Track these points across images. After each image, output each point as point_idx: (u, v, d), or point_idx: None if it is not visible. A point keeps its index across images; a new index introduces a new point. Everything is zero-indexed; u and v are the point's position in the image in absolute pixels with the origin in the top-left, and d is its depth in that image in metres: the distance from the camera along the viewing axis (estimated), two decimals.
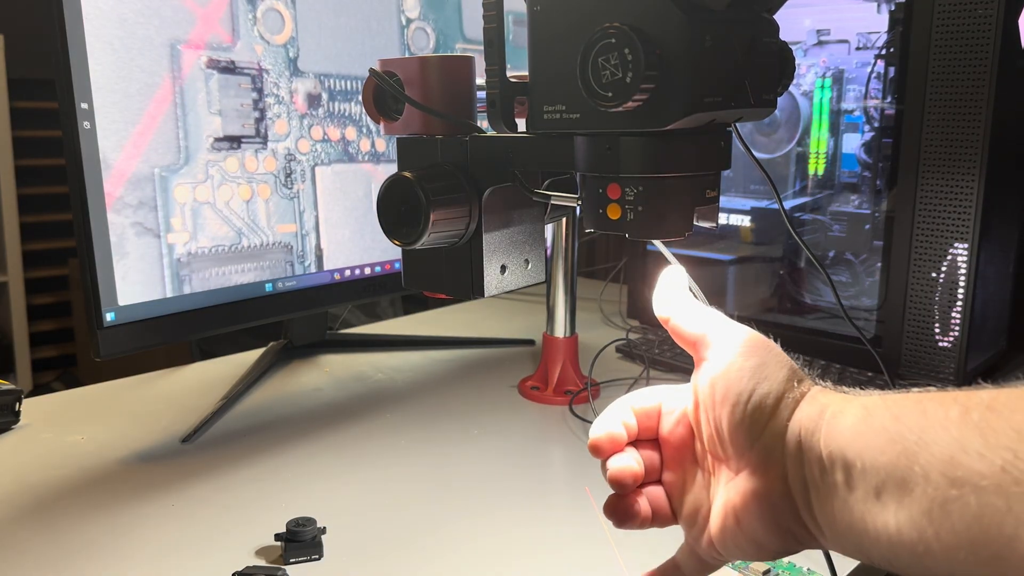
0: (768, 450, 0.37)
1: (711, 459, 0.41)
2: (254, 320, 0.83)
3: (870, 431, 0.33)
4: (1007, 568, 0.28)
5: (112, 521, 0.64)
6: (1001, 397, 0.30)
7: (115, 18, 0.70)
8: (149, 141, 0.73)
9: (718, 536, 0.39)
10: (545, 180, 0.50)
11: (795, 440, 0.36)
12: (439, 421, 0.83)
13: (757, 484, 0.37)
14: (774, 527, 0.37)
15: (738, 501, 0.38)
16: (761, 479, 0.37)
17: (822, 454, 0.35)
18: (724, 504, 0.39)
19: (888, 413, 0.33)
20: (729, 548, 0.39)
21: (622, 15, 0.39)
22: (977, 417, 0.30)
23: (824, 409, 0.36)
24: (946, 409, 0.31)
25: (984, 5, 0.77)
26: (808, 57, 0.97)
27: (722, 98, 0.40)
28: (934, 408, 0.31)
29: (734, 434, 0.38)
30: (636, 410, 0.43)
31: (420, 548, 0.60)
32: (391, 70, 0.49)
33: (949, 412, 0.31)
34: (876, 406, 0.34)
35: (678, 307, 0.42)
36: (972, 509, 0.28)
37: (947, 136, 0.81)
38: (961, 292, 0.82)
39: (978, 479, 0.28)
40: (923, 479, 0.30)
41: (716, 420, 0.39)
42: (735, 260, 1.06)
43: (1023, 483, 0.27)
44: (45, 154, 2.44)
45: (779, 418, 0.37)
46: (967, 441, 0.29)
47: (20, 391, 0.82)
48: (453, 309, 1.31)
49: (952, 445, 0.30)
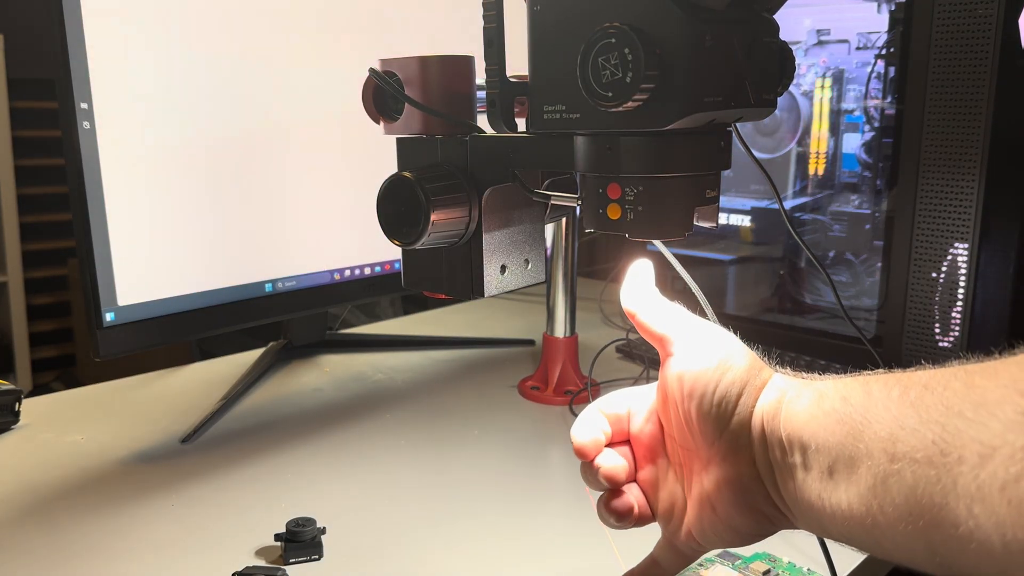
0: (735, 438, 0.39)
1: (681, 452, 0.42)
2: (254, 320, 0.83)
3: (821, 413, 0.35)
4: (940, 535, 0.29)
5: (112, 521, 0.64)
6: (936, 376, 0.32)
7: (115, 18, 0.69)
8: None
9: (696, 525, 0.41)
10: (545, 180, 0.50)
11: (759, 426, 0.38)
12: (439, 421, 0.83)
13: (728, 471, 0.39)
14: (748, 511, 0.39)
15: (712, 489, 0.39)
16: (731, 466, 0.39)
17: (782, 437, 0.37)
18: (699, 494, 0.40)
19: (838, 395, 0.35)
20: (707, 536, 0.41)
21: (622, 15, 0.39)
22: (914, 396, 0.32)
23: (783, 394, 0.38)
24: (888, 389, 0.33)
25: (984, 5, 0.77)
26: (808, 57, 0.97)
27: (722, 98, 0.40)
28: (878, 389, 0.34)
29: (703, 425, 0.39)
30: (607, 414, 0.44)
31: (420, 548, 0.60)
32: (391, 70, 0.49)
33: (891, 392, 0.33)
34: (828, 389, 0.36)
35: (644, 302, 0.43)
36: (908, 481, 0.30)
37: (947, 136, 0.81)
38: (961, 292, 0.82)
39: (913, 452, 0.30)
40: (867, 456, 0.32)
41: (685, 413, 0.40)
42: (735, 260, 1.06)
43: (949, 454, 0.29)
44: (45, 154, 2.44)
45: (744, 407, 0.39)
46: (904, 418, 0.31)
47: (20, 391, 0.82)
48: (453, 309, 1.31)
49: (892, 423, 0.32)
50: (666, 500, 0.43)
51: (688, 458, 0.42)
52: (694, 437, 0.40)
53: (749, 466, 0.38)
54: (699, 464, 0.41)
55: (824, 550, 0.50)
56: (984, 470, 0.27)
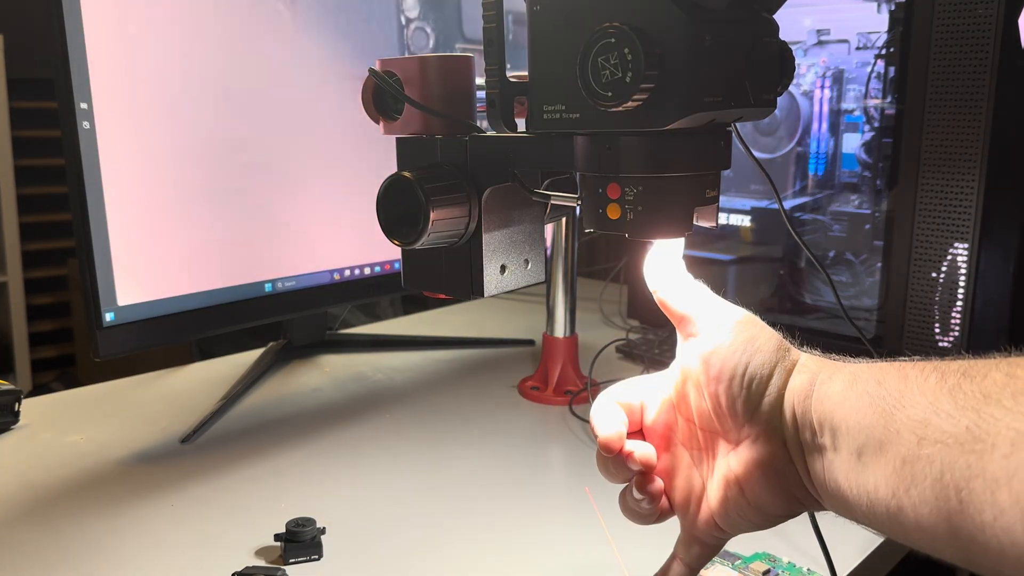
0: (767, 419, 0.38)
1: (702, 436, 0.42)
2: (254, 320, 0.83)
3: (854, 395, 0.35)
4: (964, 521, 0.29)
5: (112, 521, 0.64)
6: (976, 365, 0.32)
7: (115, 18, 0.69)
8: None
9: (720, 510, 0.40)
10: (545, 180, 0.50)
11: (791, 407, 0.38)
12: (439, 421, 0.83)
13: (760, 453, 0.38)
14: (780, 492, 0.38)
15: (741, 471, 0.39)
16: (763, 448, 0.38)
17: (813, 418, 0.37)
18: (725, 476, 0.40)
19: (872, 379, 0.35)
20: (732, 520, 0.40)
21: (622, 15, 0.39)
22: (952, 382, 0.31)
23: (815, 376, 0.38)
24: (925, 376, 0.33)
25: (984, 5, 0.77)
26: (808, 57, 0.97)
27: (722, 98, 0.40)
28: (915, 375, 0.33)
29: (732, 406, 0.39)
30: (622, 405, 0.44)
31: (420, 548, 0.60)
32: (390, 70, 0.49)
33: (928, 378, 0.33)
34: (862, 372, 0.36)
35: (667, 280, 0.43)
36: (936, 465, 0.30)
37: (947, 136, 0.81)
38: (961, 292, 0.82)
39: (944, 438, 0.30)
40: (896, 438, 0.32)
41: (712, 395, 0.40)
42: (735, 260, 1.06)
43: (982, 440, 0.29)
44: (45, 154, 2.44)
45: (774, 387, 0.38)
46: (940, 404, 0.31)
47: (19, 391, 0.82)
48: (453, 309, 1.31)
49: (927, 408, 0.31)
50: (683, 489, 0.43)
51: (710, 441, 0.41)
52: (721, 419, 0.40)
53: (781, 448, 0.38)
54: (726, 446, 0.40)
55: (824, 550, 0.50)
56: (1015, 456, 0.27)
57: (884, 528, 0.34)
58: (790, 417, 0.38)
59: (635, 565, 0.56)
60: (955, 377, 0.31)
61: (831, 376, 0.37)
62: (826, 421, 0.36)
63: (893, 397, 0.33)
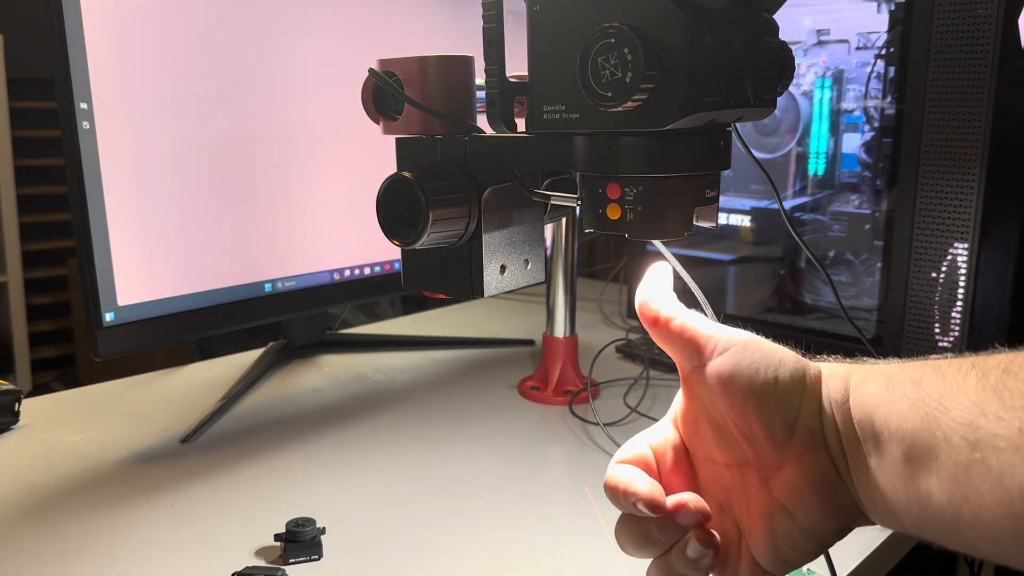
0: (808, 434, 0.36)
1: (728, 474, 0.39)
2: (254, 320, 0.83)
3: (892, 398, 0.33)
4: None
5: (112, 521, 0.64)
6: (1018, 360, 0.30)
7: (115, 18, 0.69)
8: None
9: (766, 548, 0.37)
10: (545, 180, 0.50)
11: (830, 416, 0.35)
12: (439, 421, 0.83)
13: (809, 471, 0.35)
14: (835, 510, 0.36)
15: (789, 496, 0.36)
16: (811, 464, 0.35)
17: (853, 424, 0.35)
18: (767, 508, 0.37)
19: (907, 380, 0.33)
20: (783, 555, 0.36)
21: (622, 15, 0.39)
22: (994, 380, 0.30)
23: (847, 380, 0.36)
24: (964, 374, 0.31)
25: (984, 5, 0.77)
26: (808, 57, 0.97)
27: (722, 98, 0.40)
28: (952, 373, 0.32)
29: (769, 428, 0.36)
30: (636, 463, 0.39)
31: (420, 548, 0.60)
32: (390, 70, 0.49)
33: (967, 377, 0.31)
34: (896, 374, 0.34)
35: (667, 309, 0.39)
36: (994, 471, 0.29)
37: (947, 136, 0.81)
38: (961, 292, 0.82)
39: (997, 441, 0.29)
40: (946, 444, 0.31)
41: (741, 422, 0.36)
42: (735, 260, 1.06)
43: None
44: (45, 154, 2.44)
45: (810, 399, 0.36)
46: (985, 404, 0.30)
47: (19, 391, 0.82)
48: (453, 309, 1.31)
49: (971, 409, 0.30)
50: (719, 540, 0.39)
51: (739, 477, 0.38)
52: (756, 446, 0.37)
53: (827, 460, 0.35)
54: (763, 475, 0.37)
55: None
56: None
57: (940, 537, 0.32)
58: (831, 427, 0.35)
59: (635, 565, 0.56)
60: (996, 374, 0.30)
61: (864, 379, 0.35)
62: (867, 427, 0.34)
63: (933, 399, 0.32)
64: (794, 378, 0.36)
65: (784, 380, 0.36)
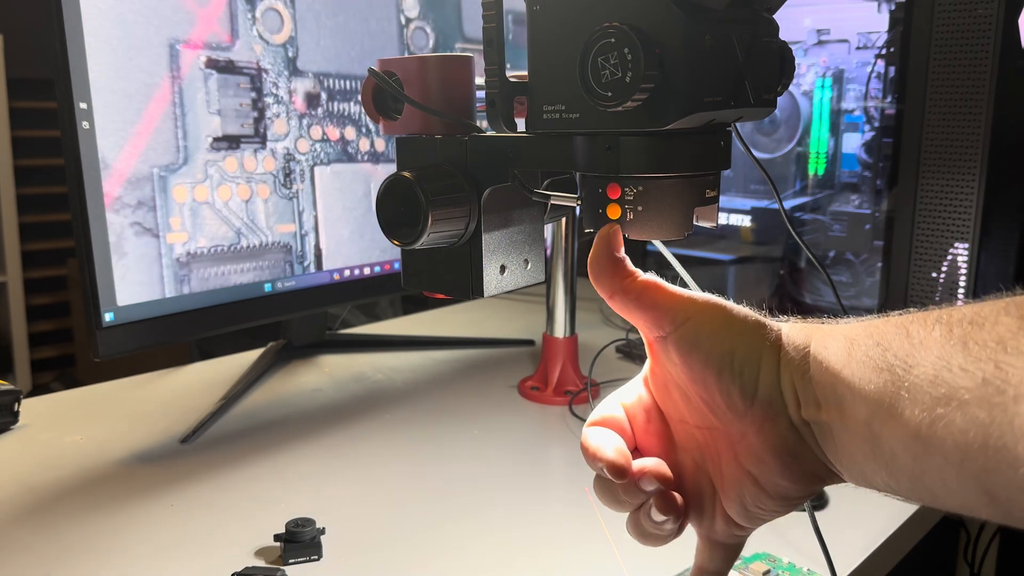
0: (768, 402, 0.36)
1: (699, 434, 0.39)
2: (253, 320, 0.83)
3: (855, 362, 0.33)
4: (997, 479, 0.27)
5: (111, 521, 0.64)
6: (984, 310, 0.29)
7: (114, 18, 0.69)
8: (148, 141, 0.73)
9: (738, 507, 0.38)
10: (545, 180, 0.50)
11: (790, 384, 0.35)
12: (439, 421, 0.83)
13: (769, 439, 0.36)
14: (799, 475, 0.36)
15: (752, 462, 0.36)
16: (771, 433, 0.36)
17: (815, 392, 0.34)
18: (734, 472, 0.37)
19: (871, 340, 0.33)
20: (751, 514, 0.38)
21: (622, 15, 0.39)
22: (960, 332, 0.29)
23: (807, 346, 0.35)
24: (929, 329, 0.31)
25: (984, 5, 0.77)
26: (808, 57, 0.97)
27: (722, 98, 0.40)
28: (917, 330, 0.31)
29: (728, 400, 0.36)
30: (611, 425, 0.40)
31: (420, 548, 0.60)
32: (390, 70, 0.49)
33: (932, 332, 0.30)
34: (858, 335, 0.33)
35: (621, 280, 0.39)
36: (958, 425, 0.28)
37: (947, 136, 0.81)
38: (961, 292, 0.82)
39: (961, 394, 0.28)
40: (910, 402, 0.30)
41: (702, 389, 0.37)
42: (735, 260, 1.06)
43: (1005, 392, 0.27)
44: (44, 154, 2.44)
45: (767, 368, 0.36)
46: (950, 358, 0.29)
47: (19, 391, 0.82)
48: (453, 309, 1.31)
49: (936, 364, 0.29)
50: (693, 496, 0.40)
51: (710, 437, 0.39)
52: (717, 413, 0.37)
53: (789, 429, 0.35)
54: (729, 440, 0.38)
55: (824, 550, 0.50)
56: None
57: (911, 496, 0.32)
58: (791, 395, 0.35)
59: (635, 565, 0.56)
60: (962, 327, 0.29)
61: (825, 344, 0.35)
62: (830, 394, 0.33)
63: (898, 358, 0.31)
64: (752, 349, 0.36)
65: (742, 352, 0.36)
